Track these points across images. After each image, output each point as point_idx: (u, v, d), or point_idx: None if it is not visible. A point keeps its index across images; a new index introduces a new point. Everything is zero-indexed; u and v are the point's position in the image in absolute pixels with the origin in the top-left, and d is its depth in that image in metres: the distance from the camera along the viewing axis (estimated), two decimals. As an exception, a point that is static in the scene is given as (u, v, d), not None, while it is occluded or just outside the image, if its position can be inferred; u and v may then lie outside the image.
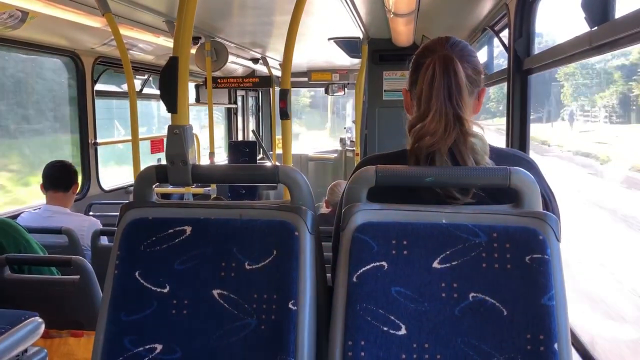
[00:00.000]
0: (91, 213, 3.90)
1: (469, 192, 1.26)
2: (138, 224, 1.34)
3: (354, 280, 1.20)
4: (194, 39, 4.62)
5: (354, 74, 7.42)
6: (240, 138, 8.64)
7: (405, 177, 1.24)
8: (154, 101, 6.28)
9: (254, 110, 9.24)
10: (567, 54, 1.98)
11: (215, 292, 1.28)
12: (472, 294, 1.18)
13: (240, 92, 8.48)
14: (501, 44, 2.91)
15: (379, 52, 5.42)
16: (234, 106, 8.37)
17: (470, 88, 1.30)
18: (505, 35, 2.85)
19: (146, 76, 5.54)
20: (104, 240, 3.04)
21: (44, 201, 3.18)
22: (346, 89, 8.17)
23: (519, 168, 1.22)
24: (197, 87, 6.93)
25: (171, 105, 1.43)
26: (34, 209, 3.34)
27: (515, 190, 1.22)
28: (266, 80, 6.82)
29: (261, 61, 6.61)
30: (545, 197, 1.30)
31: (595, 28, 1.67)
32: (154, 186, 1.41)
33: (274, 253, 1.28)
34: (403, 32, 4.35)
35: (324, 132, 11.53)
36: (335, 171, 8.84)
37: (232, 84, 6.73)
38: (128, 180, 5.20)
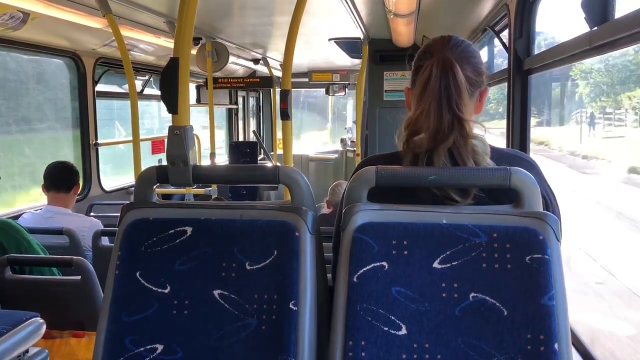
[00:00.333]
0: (92, 214, 3.91)
1: (469, 195, 1.25)
2: (139, 225, 1.34)
3: (355, 281, 1.20)
4: (195, 40, 4.63)
5: (354, 75, 7.43)
6: (241, 138, 8.65)
7: (406, 177, 1.24)
8: (154, 102, 6.28)
9: (254, 111, 9.25)
10: (567, 54, 1.98)
11: (216, 293, 1.28)
12: (473, 294, 1.18)
13: (241, 93, 8.48)
14: (501, 44, 2.91)
15: (379, 52, 5.43)
16: (234, 107, 8.38)
17: (470, 90, 1.30)
18: (505, 35, 2.85)
19: (147, 77, 5.55)
20: (105, 241, 3.04)
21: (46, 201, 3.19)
22: (347, 89, 8.17)
23: (519, 168, 1.22)
24: (198, 87, 6.93)
25: (172, 105, 1.43)
26: (35, 210, 3.34)
27: (515, 191, 1.22)
28: (267, 80, 6.83)
29: (262, 62, 6.61)
30: (545, 197, 1.30)
31: (595, 28, 1.67)
32: (155, 187, 1.42)
33: (275, 253, 1.28)
34: (403, 33, 4.35)
35: (324, 132, 11.51)
36: (336, 171, 8.83)
37: (232, 84, 6.75)
38: (129, 181, 5.21)
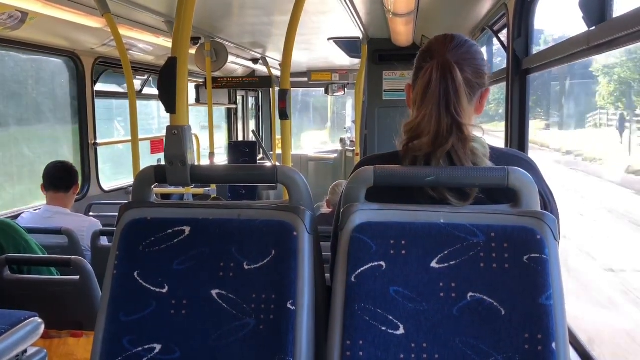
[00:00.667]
0: (91, 213, 3.90)
1: (468, 198, 1.25)
2: (137, 224, 1.34)
3: (353, 280, 1.20)
4: (194, 40, 4.63)
5: (353, 74, 7.43)
6: (240, 138, 8.64)
7: (404, 177, 1.24)
8: (153, 101, 6.28)
9: (254, 111, 9.24)
10: (565, 53, 1.98)
11: (214, 292, 1.28)
12: (471, 293, 1.18)
13: (240, 93, 8.48)
14: (500, 43, 2.91)
15: (378, 52, 5.43)
16: (234, 106, 8.37)
17: (470, 92, 1.30)
18: (504, 35, 2.85)
19: (146, 76, 5.54)
20: (104, 241, 3.04)
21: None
22: (346, 89, 8.17)
23: (517, 168, 1.21)
24: (197, 87, 6.93)
25: (170, 105, 1.43)
26: (34, 210, 3.34)
27: (513, 190, 1.22)
28: (266, 80, 6.82)
29: (261, 61, 6.60)
30: (544, 197, 1.30)
31: (593, 28, 1.67)
32: (154, 186, 1.41)
33: (273, 253, 1.28)
34: (402, 32, 4.35)
35: (323, 132, 11.51)
36: (336, 171, 8.83)
37: (232, 84, 6.74)
38: (128, 181, 5.21)
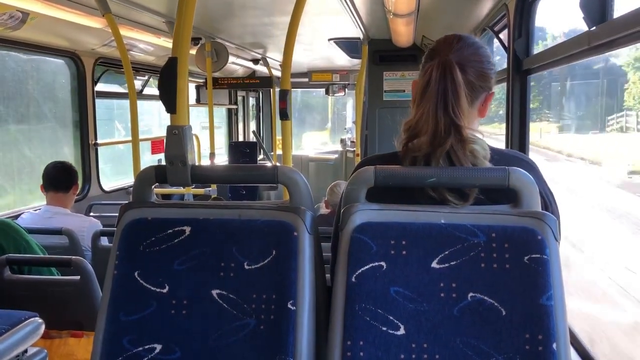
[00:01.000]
0: (91, 214, 3.91)
1: (468, 198, 1.25)
2: (137, 225, 1.34)
3: (353, 281, 1.20)
4: (195, 40, 4.63)
5: (354, 75, 7.42)
6: (240, 139, 8.65)
7: (405, 177, 1.24)
8: (154, 101, 6.28)
9: (254, 111, 9.25)
10: (566, 53, 1.98)
11: (214, 292, 1.28)
12: (471, 293, 1.18)
13: (241, 93, 8.48)
14: (500, 44, 2.91)
15: (379, 52, 5.43)
16: (234, 107, 8.38)
17: (471, 94, 1.30)
18: (504, 35, 2.85)
19: (146, 77, 5.55)
20: (104, 241, 3.04)
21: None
22: (346, 89, 8.17)
23: (517, 168, 1.21)
24: (197, 87, 6.93)
25: (170, 105, 1.43)
26: (35, 210, 3.34)
27: (514, 191, 1.22)
28: (266, 80, 6.82)
29: (261, 62, 6.60)
30: (544, 198, 1.30)
31: (593, 28, 1.67)
32: (154, 187, 1.41)
33: (273, 253, 1.28)
34: (403, 33, 4.35)
35: (324, 132, 11.51)
36: (336, 172, 8.83)
37: (232, 84, 6.73)
38: (128, 181, 5.21)
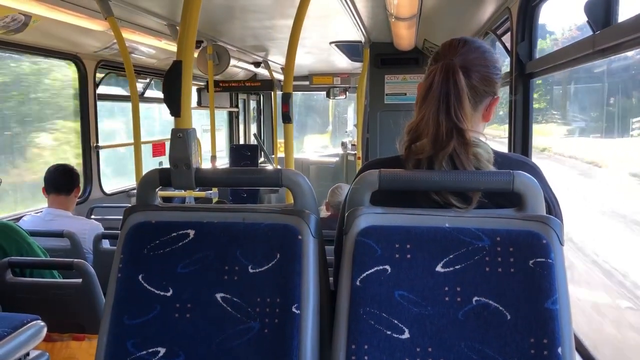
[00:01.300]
0: (93, 216, 3.90)
1: (471, 201, 1.24)
2: (141, 228, 1.34)
3: (358, 284, 1.20)
4: (196, 43, 4.61)
5: (355, 78, 7.42)
6: (242, 142, 8.65)
7: (409, 180, 1.24)
8: (155, 104, 6.29)
9: (255, 114, 9.25)
10: (570, 57, 1.98)
11: (218, 296, 1.28)
12: (476, 297, 1.17)
13: (242, 96, 8.49)
14: (503, 47, 2.91)
15: (380, 55, 5.43)
16: (235, 110, 8.38)
17: (475, 98, 1.30)
18: (507, 38, 2.85)
19: (148, 80, 5.55)
20: (106, 244, 3.03)
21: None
22: (348, 92, 8.17)
23: (522, 172, 1.21)
24: (198, 90, 6.94)
25: (175, 108, 1.43)
26: (36, 212, 3.34)
27: (518, 194, 1.21)
28: (268, 83, 6.83)
29: (263, 65, 6.61)
30: (548, 202, 1.29)
31: (598, 32, 1.67)
32: (157, 190, 1.41)
33: (277, 257, 1.28)
34: (405, 36, 4.35)
35: (325, 136, 11.51)
36: (337, 175, 8.83)
37: (233, 87, 6.74)
38: (130, 184, 5.21)
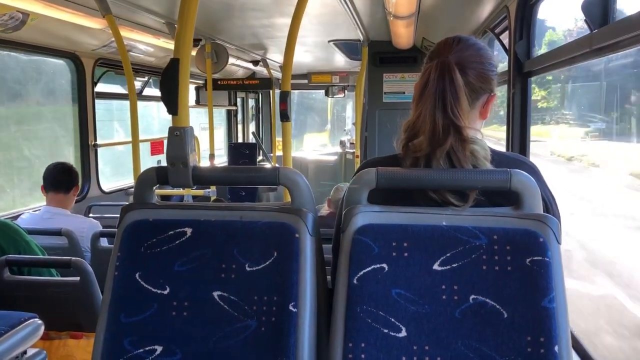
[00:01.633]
0: (91, 215, 3.90)
1: (468, 198, 1.25)
2: (138, 226, 1.34)
3: (355, 282, 1.20)
4: (195, 41, 4.62)
5: (354, 76, 7.42)
6: (240, 140, 8.65)
7: (407, 178, 1.24)
8: (153, 103, 6.28)
9: (254, 112, 9.25)
10: (567, 56, 1.99)
11: (215, 294, 1.28)
12: (473, 296, 1.18)
13: (240, 94, 8.48)
14: (501, 46, 2.91)
15: (379, 54, 5.43)
16: (234, 108, 8.38)
17: (471, 95, 1.30)
18: (505, 37, 2.85)
19: (146, 78, 5.55)
20: (104, 242, 3.03)
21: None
22: (346, 91, 8.17)
23: (519, 170, 1.21)
24: (197, 89, 6.93)
25: (172, 106, 1.43)
26: (34, 210, 3.34)
27: (515, 193, 1.21)
28: (266, 82, 6.82)
29: (261, 63, 6.60)
30: (546, 200, 1.29)
31: (595, 31, 1.68)
32: (155, 188, 1.41)
33: (275, 255, 1.28)
34: (403, 35, 4.35)
35: (323, 134, 11.52)
36: (335, 173, 8.82)
37: (232, 86, 6.73)
38: (128, 182, 5.21)
